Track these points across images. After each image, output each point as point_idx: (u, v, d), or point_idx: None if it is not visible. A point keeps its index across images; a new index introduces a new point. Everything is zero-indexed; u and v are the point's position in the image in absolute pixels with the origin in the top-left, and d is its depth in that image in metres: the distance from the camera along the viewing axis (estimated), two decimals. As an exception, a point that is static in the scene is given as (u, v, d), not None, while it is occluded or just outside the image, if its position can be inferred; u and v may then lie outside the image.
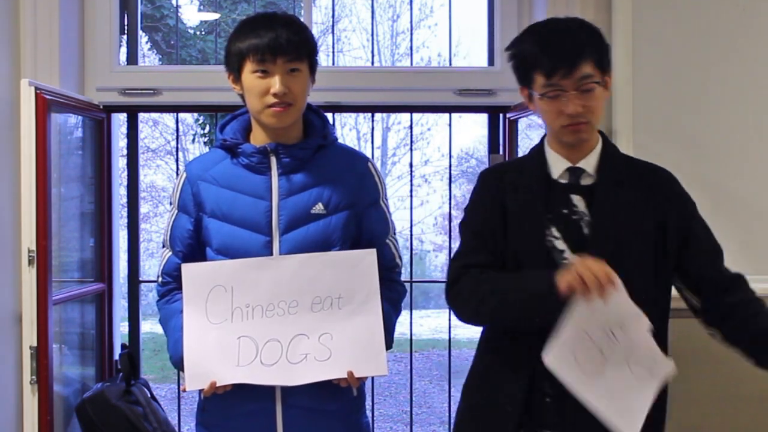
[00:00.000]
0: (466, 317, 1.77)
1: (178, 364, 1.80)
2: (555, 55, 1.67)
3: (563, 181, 1.77)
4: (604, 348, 1.65)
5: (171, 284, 1.89)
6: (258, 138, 1.86)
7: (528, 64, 1.72)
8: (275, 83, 1.76)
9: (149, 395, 2.79)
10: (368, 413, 1.97)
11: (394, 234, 1.95)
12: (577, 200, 1.75)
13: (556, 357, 1.64)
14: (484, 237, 1.79)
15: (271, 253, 1.80)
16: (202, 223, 1.86)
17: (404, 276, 1.97)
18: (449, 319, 3.87)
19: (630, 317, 1.65)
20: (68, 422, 2.80)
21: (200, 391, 1.83)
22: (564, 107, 1.69)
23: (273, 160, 1.83)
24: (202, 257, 1.86)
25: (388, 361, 1.81)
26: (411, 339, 4.06)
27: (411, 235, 4.21)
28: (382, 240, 1.91)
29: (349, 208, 1.85)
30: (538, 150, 1.84)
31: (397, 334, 1.96)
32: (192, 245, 1.87)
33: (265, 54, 1.76)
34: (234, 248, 1.80)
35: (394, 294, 1.92)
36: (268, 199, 1.82)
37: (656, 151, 2.72)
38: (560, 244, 1.73)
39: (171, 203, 1.93)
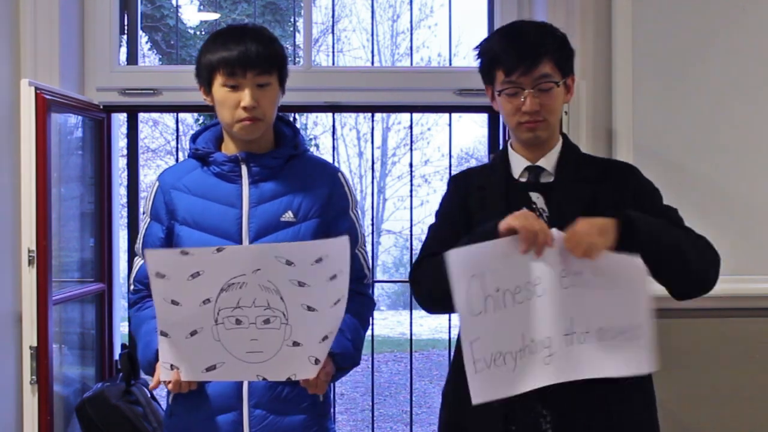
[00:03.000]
0: (425, 300, 1.80)
1: (151, 364, 1.79)
2: (516, 53, 1.73)
3: (523, 179, 1.83)
4: (488, 301, 1.62)
5: (143, 291, 1.89)
6: (230, 148, 1.89)
7: (491, 61, 1.79)
8: (245, 97, 1.79)
9: (149, 395, 2.79)
10: (365, 412, 1.96)
11: (364, 245, 1.96)
12: (536, 197, 1.80)
13: (458, 261, 1.61)
14: (446, 236, 1.82)
15: None
16: (173, 231, 1.87)
17: (404, 276, 1.97)
18: (449, 319, 3.87)
19: (548, 286, 1.62)
20: (68, 422, 2.80)
21: (168, 396, 1.86)
22: (521, 104, 1.74)
23: (244, 169, 1.86)
24: None
25: (388, 361, 1.79)
26: (411, 339, 4.07)
27: (411, 235, 4.20)
28: (351, 250, 1.89)
29: (318, 216, 1.86)
30: (503, 152, 1.89)
31: (396, 334, 1.95)
32: None
33: (234, 68, 1.78)
34: None
35: (363, 309, 1.92)
36: (238, 207, 1.84)
37: (656, 151, 2.72)
38: None
39: (144, 212, 1.94)
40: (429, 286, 1.79)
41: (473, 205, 1.84)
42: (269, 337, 1.68)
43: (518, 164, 1.84)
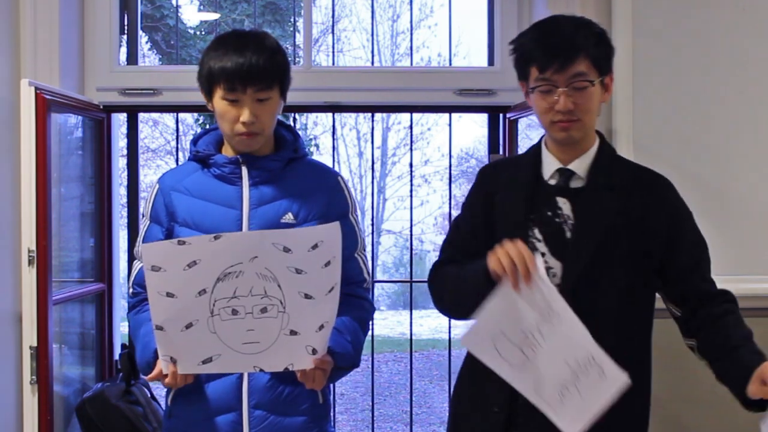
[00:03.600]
0: (445, 312, 1.85)
1: (150, 364, 1.77)
2: (550, 49, 1.66)
3: (553, 182, 1.76)
4: (525, 348, 1.61)
5: (142, 294, 1.88)
6: (230, 150, 1.89)
7: (525, 57, 1.72)
8: (244, 114, 1.78)
9: (149, 395, 2.80)
10: (365, 412, 1.97)
11: (364, 250, 1.95)
12: (563, 203, 1.74)
13: (473, 341, 1.64)
14: (464, 234, 1.83)
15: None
16: (173, 233, 1.86)
17: (404, 276, 1.98)
18: (449, 319, 3.87)
19: (557, 310, 1.59)
20: (68, 422, 2.80)
21: (167, 396, 1.86)
22: (555, 102, 1.68)
23: (244, 170, 1.86)
24: None
25: (388, 361, 1.79)
26: (411, 339, 4.07)
27: (411, 235, 4.21)
28: (350, 253, 1.90)
29: (318, 219, 1.85)
30: (536, 149, 1.82)
31: (396, 334, 1.96)
32: None
33: (235, 83, 1.76)
34: None
35: (363, 313, 1.91)
36: (238, 208, 1.84)
37: (656, 151, 2.72)
38: (541, 247, 1.72)
39: (143, 215, 1.94)
40: (449, 305, 1.79)
41: (499, 201, 1.79)
42: (266, 327, 1.67)
43: (550, 165, 1.77)
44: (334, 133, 4.98)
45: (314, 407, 1.85)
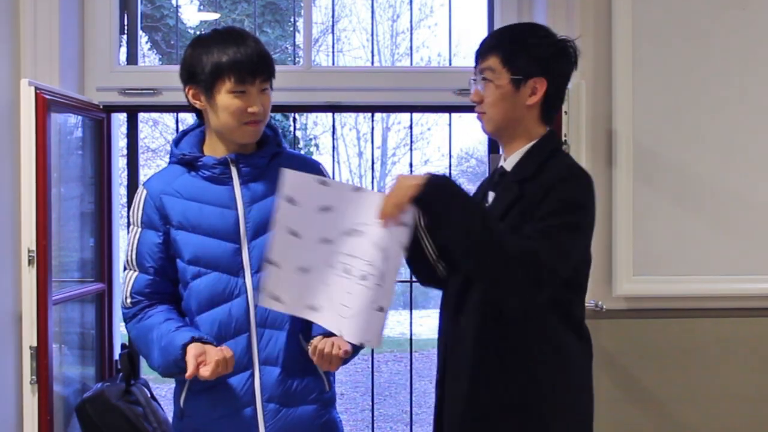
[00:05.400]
0: None
1: (177, 361, 1.77)
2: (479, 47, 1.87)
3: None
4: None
5: (143, 302, 1.88)
6: (216, 150, 1.91)
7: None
8: (254, 103, 1.83)
9: (149, 395, 2.79)
10: (365, 412, 1.99)
11: None
12: (491, 197, 1.87)
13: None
14: None
15: (241, 261, 1.82)
16: (169, 236, 1.87)
17: (404, 276, 1.98)
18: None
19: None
20: (68, 422, 2.80)
21: (175, 397, 1.89)
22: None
23: (233, 170, 1.88)
24: (173, 271, 1.87)
25: (388, 361, 1.81)
26: (411, 339, 4.06)
27: (411, 235, 4.20)
28: None
29: None
30: None
31: (396, 334, 1.97)
32: (162, 258, 1.88)
33: (245, 74, 1.81)
34: (206, 257, 1.83)
35: None
36: (234, 207, 1.85)
37: (656, 151, 2.72)
38: None
39: (131, 223, 1.93)
40: None
41: None
42: (361, 295, 1.68)
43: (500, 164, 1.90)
44: (334, 133, 4.98)
45: (322, 395, 1.91)
